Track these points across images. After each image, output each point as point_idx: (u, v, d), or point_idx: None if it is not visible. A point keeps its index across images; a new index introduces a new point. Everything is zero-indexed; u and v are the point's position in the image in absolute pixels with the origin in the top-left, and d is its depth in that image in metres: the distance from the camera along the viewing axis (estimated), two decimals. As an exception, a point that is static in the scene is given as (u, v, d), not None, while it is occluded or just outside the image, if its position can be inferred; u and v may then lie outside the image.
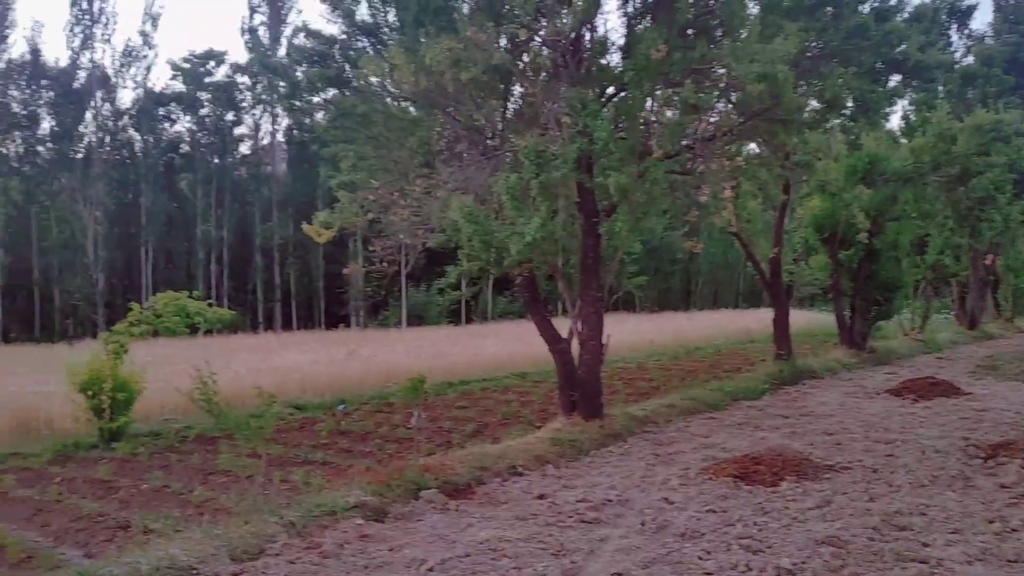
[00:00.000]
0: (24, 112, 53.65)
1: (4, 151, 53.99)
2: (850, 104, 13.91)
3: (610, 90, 12.54)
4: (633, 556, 7.19)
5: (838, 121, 14.81)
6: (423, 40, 11.46)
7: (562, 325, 14.10)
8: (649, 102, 12.31)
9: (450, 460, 10.34)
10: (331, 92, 14.11)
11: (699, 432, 13.33)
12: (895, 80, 15.10)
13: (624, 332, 26.07)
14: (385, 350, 26.09)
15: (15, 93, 53.16)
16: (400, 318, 50.84)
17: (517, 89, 12.93)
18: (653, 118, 12.46)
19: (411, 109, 13.37)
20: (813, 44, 12.65)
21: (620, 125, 11.95)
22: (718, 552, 7.24)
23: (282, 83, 53.77)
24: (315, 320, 55.50)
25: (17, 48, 50.71)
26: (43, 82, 53.49)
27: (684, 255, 54.89)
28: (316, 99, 15.63)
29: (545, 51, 11.98)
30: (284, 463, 11.81)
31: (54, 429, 14.59)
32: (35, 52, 53.19)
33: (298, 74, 16.05)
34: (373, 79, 12.51)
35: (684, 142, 12.57)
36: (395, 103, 13.24)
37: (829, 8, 12.66)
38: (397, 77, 11.42)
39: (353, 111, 13.01)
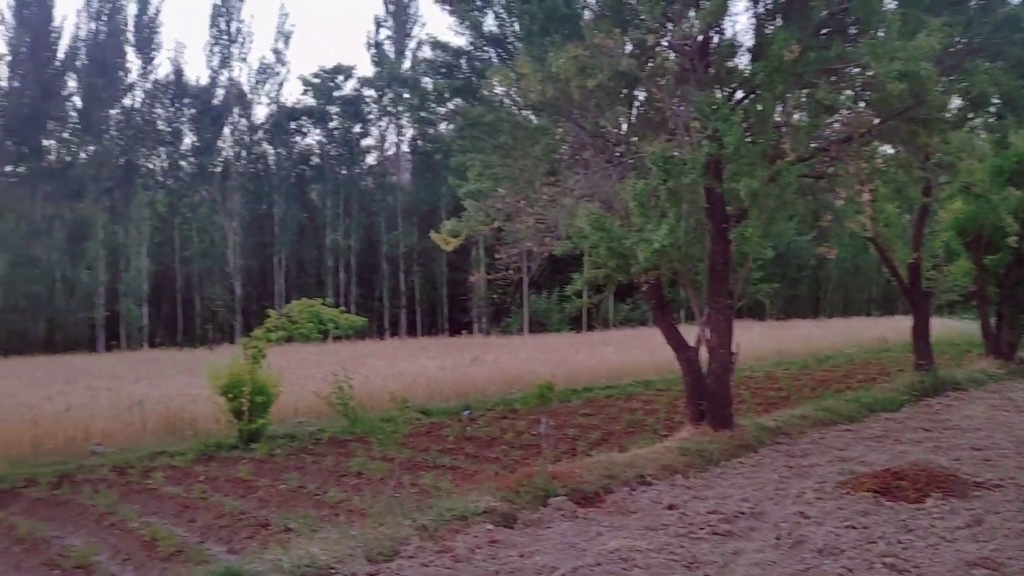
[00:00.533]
0: (168, 129, 56.99)
1: (150, 166, 57.50)
2: (997, 101, 13.18)
3: (739, 93, 12.27)
4: (769, 571, 6.98)
5: (983, 119, 14.07)
6: (549, 49, 11.51)
7: (688, 332, 13.87)
8: (780, 104, 11.98)
9: (578, 468, 10.31)
10: (457, 102, 14.37)
11: (834, 444, 12.86)
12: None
13: (751, 340, 25.44)
14: (508, 356, 26.29)
15: (160, 111, 56.50)
16: (522, 325, 51.18)
17: (643, 95, 12.84)
18: (784, 120, 12.12)
19: (533, 118, 13.45)
20: (957, 39, 12.04)
21: (750, 128, 11.67)
22: (860, 570, 6.94)
23: (408, 95, 55.19)
24: (439, 326, 56.51)
25: (162, 69, 54.22)
26: (185, 100, 56.64)
27: (813, 261, 53.22)
28: (442, 109, 15.89)
29: (672, 55, 11.84)
30: (413, 467, 12.03)
31: (197, 429, 15.34)
32: (178, 72, 56.48)
33: (425, 85, 16.33)
34: (499, 89, 12.66)
35: (817, 144, 12.19)
36: (520, 112, 13.34)
37: (975, 1, 12.04)
38: (524, 86, 11.52)
39: (480, 120, 13.19)
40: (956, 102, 12.98)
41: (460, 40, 13.46)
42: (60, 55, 51.68)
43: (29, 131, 49.36)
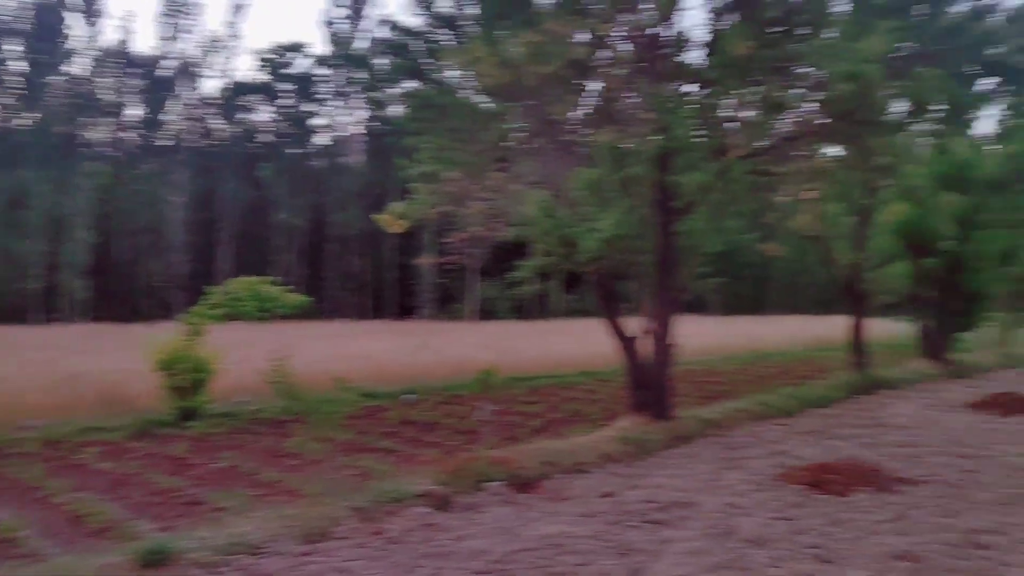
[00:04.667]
0: (112, 100, 55.59)
1: (92, 137, 56.03)
2: (938, 107, 13.44)
3: (691, 87, 12.35)
4: (699, 559, 7.08)
5: (927, 124, 14.33)
6: (504, 33, 11.46)
7: (635, 324, 13.97)
8: (731, 100, 12.10)
9: (516, 454, 10.34)
10: (411, 83, 14.23)
11: (769, 438, 13.07)
12: (988, 83, 14.54)
13: (695, 334, 25.75)
14: (454, 342, 26.25)
15: (105, 80, 55.06)
16: (469, 311, 51.17)
17: (597, 84, 12.86)
18: (735, 116, 12.24)
19: (484, 104, 13.37)
20: (903, 44, 12.24)
21: (700, 123, 11.76)
22: (787, 560, 7.08)
23: (360, 75, 54.70)
24: (386, 310, 56.22)
25: (108, 37, 53.33)
26: (132, 70, 55.32)
27: (759, 258, 53.99)
28: (396, 90, 15.74)
29: (625, 46, 11.88)
30: (352, 449, 11.97)
31: (134, 406, 15.05)
32: (125, 41, 55.15)
33: (379, 65, 16.11)
34: (453, 71, 12.59)
35: (766, 142, 12.33)
36: (474, 96, 13.26)
37: (922, 6, 12.24)
38: (478, 70, 11.45)
39: (432, 102, 13.08)
40: (900, 106, 13.16)
41: (415, 20, 13.26)
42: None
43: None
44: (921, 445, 12.47)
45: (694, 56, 12.36)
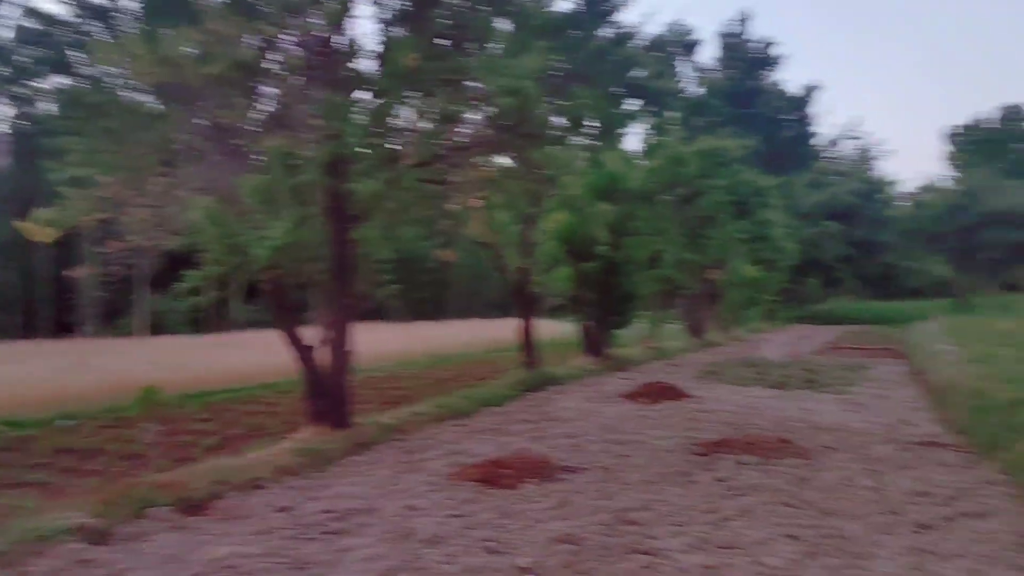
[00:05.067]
0: None
1: None
2: (593, 123, 14.64)
3: (364, 95, 12.41)
4: (376, 564, 7.12)
5: (582, 139, 15.55)
6: (164, 30, 10.77)
7: (313, 333, 13.75)
8: (405, 110, 12.33)
9: (186, 475, 9.75)
10: (61, 78, 12.92)
11: (447, 439, 13.47)
12: (634, 104, 16.09)
13: (376, 341, 26.00)
14: (120, 360, 24.26)
15: None
16: (138, 326, 47.62)
17: (269, 88, 12.50)
18: (408, 125, 12.48)
19: (143, 104, 12.49)
20: (560, 63, 13.19)
21: (373, 131, 11.86)
22: (460, 555, 7.33)
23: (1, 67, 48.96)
24: (39, 328, 50.64)
25: None
26: None
27: (437, 264, 55.66)
28: (44, 85, 14.24)
29: (296, 51, 11.67)
30: (-8, 486, 10.63)
31: None
32: None
33: (21, 56, 14.49)
34: (108, 68, 11.61)
35: (438, 151, 12.70)
36: (135, 95, 12.33)
37: (575, 30, 13.27)
38: (134, 67, 10.66)
39: (85, 100, 11.97)
40: (559, 121, 14.16)
41: (61, 7, 11.99)
42: None
43: None
44: (583, 435, 13.51)
45: (366, 64, 12.44)
